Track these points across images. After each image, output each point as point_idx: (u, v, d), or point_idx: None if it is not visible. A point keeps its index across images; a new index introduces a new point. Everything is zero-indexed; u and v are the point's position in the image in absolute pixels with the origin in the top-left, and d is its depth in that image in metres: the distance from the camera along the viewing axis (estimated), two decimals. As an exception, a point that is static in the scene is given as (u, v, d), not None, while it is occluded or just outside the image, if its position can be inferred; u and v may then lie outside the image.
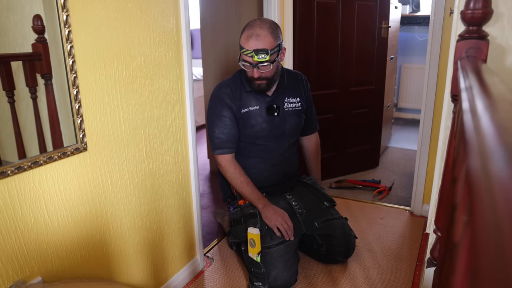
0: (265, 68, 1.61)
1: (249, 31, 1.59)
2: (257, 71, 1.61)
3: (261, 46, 1.57)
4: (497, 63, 1.21)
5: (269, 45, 1.58)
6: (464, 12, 0.98)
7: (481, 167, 0.27)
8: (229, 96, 1.72)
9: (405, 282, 1.73)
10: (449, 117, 1.44)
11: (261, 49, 1.57)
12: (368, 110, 2.95)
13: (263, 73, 1.63)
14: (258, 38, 1.57)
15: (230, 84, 1.76)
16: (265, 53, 1.57)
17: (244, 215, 1.73)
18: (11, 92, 0.98)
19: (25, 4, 0.99)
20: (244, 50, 1.59)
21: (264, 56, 1.57)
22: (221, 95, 1.73)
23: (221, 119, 1.71)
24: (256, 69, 1.61)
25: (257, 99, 1.75)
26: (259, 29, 1.58)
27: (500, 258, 0.19)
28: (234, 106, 1.72)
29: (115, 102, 1.26)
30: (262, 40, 1.57)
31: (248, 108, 1.74)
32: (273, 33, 1.60)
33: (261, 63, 1.59)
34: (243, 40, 1.60)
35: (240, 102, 1.73)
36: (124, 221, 1.37)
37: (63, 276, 1.15)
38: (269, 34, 1.58)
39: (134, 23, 1.30)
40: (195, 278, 1.79)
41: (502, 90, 0.48)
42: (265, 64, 1.59)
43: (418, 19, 4.32)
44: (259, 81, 1.65)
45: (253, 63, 1.60)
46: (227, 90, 1.73)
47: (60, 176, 1.11)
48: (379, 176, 2.93)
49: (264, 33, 1.58)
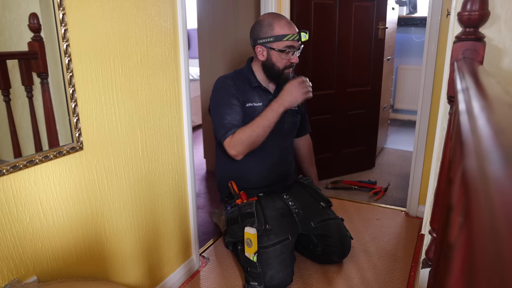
0: (299, 52, 1.74)
1: (282, 20, 1.70)
2: (296, 57, 1.73)
3: (297, 27, 1.72)
4: (494, 65, 1.21)
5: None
6: (461, 14, 0.99)
7: (478, 168, 0.27)
8: (234, 88, 1.75)
9: (400, 282, 1.73)
10: (445, 119, 1.44)
11: (302, 30, 1.70)
12: (364, 111, 2.96)
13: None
14: (293, 24, 1.72)
15: (234, 78, 1.79)
16: (306, 32, 1.70)
17: (241, 214, 1.73)
18: (6, 90, 0.98)
19: (21, 2, 0.98)
20: (289, 36, 1.67)
21: (307, 34, 1.70)
22: (227, 86, 1.75)
23: (232, 107, 1.72)
24: (296, 54, 1.72)
25: (260, 96, 1.78)
26: (286, 18, 1.74)
27: (496, 259, 0.19)
28: (240, 98, 1.75)
29: (111, 101, 1.26)
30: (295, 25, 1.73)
31: (252, 103, 1.77)
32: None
33: (303, 43, 1.72)
34: (284, 28, 1.68)
35: (245, 96, 1.76)
36: (120, 220, 1.37)
37: (58, 276, 1.15)
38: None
39: (131, 22, 1.30)
40: (190, 278, 1.79)
41: (499, 92, 0.49)
42: (302, 47, 1.74)
43: (415, 20, 4.33)
44: (290, 68, 1.75)
45: (296, 46, 1.70)
46: (231, 82, 1.76)
47: (55, 175, 1.10)
48: (375, 177, 2.94)
49: (291, 21, 1.74)
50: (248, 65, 1.82)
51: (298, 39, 1.67)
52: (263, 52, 1.72)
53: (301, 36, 1.67)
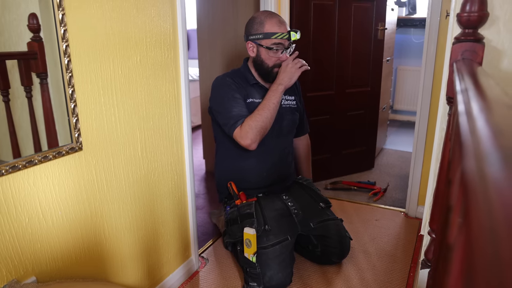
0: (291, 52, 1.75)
1: (273, 18, 1.71)
2: (286, 55, 1.72)
3: (289, 27, 1.72)
4: (493, 66, 1.21)
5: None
6: (460, 15, 0.99)
7: (477, 169, 0.27)
8: (235, 83, 1.78)
9: (400, 283, 1.73)
10: (445, 119, 1.44)
11: (293, 29, 1.70)
12: (364, 112, 2.96)
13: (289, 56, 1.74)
14: (283, 21, 1.72)
15: (232, 76, 1.81)
16: (297, 31, 1.70)
17: (241, 214, 1.73)
18: (6, 91, 0.98)
19: (21, 3, 0.98)
20: (278, 34, 1.68)
21: (298, 34, 1.70)
22: (227, 83, 1.78)
23: (236, 100, 1.74)
24: (286, 52, 1.72)
25: (259, 93, 1.81)
26: (279, 16, 1.73)
27: (495, 260, 0.19)
28: (241, 93, 1.77)
29: (110, 102, 1.26)
30: (287, 24, 1.73)
31: (252, 99, 1.79)
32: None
33: (294, 42, 1.72)
34: (274, 27, 1.69)
35: (245, 92, 1.79)
36: (119, 221, 1.37)
37: (57, 276, 1.15)
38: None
39: (131, 22, 1.30)
40: (190, 279, 1.79)
41: (498, 93, 0.49)
42: (294, 46, 1.75)
43: (414, 21, 4.34)
44: (279, 67, 1.74)
45: (286, 45, 1.71)
46: (230, 80, 1.79)
47: (55, 175, 1.10)
48: (374, 178, 2.94)
49: (284, 20, 1.74)
50: (245, 64, 1.84)
51: (287, 37, 1.68)
52: (253, 49, 1.76)
53: (290, 35, 1.68)
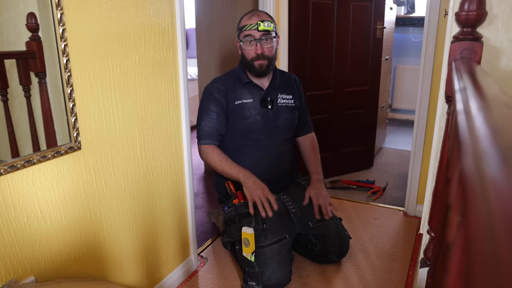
0: (267, 43, 1.70)
1: (250, 13, 1.72)
2: (260, 47, 1.69)
3: (264, 18, 1.69)
4: (491, 65, 1.21)
5: (271, 20, 1.71)
6: (459, 14, 0.99)
7: (475, 168, 0.27)
8: (219, 91, 1.78)
9: (399, 282, 1.74)
10: (443, 118, 1.45)
11: (265, 20, 1.68)
12: (362, 111, 2.96)
13: (266, 50, 1.70)
14: (260, 15, 1.70)
15: (223, 79, 1.82)
16: (270, 21, 1.68)
17: (239, 214, 1.73)
18: (4, 90, 0.98)
19: (19, 2, 0.98)
20: (247, 25, 1.68)
21: (269, 24, 1.67)
22: (212, 89, 1.79)
23: (208, 113, 1.78)
24: (259, 44, 1.69)
25: (251, 93, 1.80)
26: (259, 12, 1.72)
27: (494, 259, 0.19)
28: (223, 101, 1.77)
29: (109, 101, 1.26)
30: (264, 16, 1.71)
31: (242, 100, 1.79)
32: (271, 17, 1.74)
33: (267, 33, 1.68)
34: (245, 20, 1.71)
35: (234, 94, 1.78)
36: (118, 220, 1.36)
37: (56, 276, 1.15)
38: (268, 15, 1.73)
39: (129, 21, 1.29)
40: (189, 278, 1.79)
41: (496, 92, 0.49)
42: (268, 39, 1.69)
43: (413, 20, 4.34)
44: (261, 60, 1.71)
45: (257, 36, 1.68)
46: (218, 84, 1.80)
47: (53, 175, 1.10)
48: (374, 177, 2.94)
49: (264, 14, 1.73)
50: (240, 63, 1.85)
51: (255, 28, 1.67)
52: (238, 46, 1.79)
53: (257, 25, 1.67)
